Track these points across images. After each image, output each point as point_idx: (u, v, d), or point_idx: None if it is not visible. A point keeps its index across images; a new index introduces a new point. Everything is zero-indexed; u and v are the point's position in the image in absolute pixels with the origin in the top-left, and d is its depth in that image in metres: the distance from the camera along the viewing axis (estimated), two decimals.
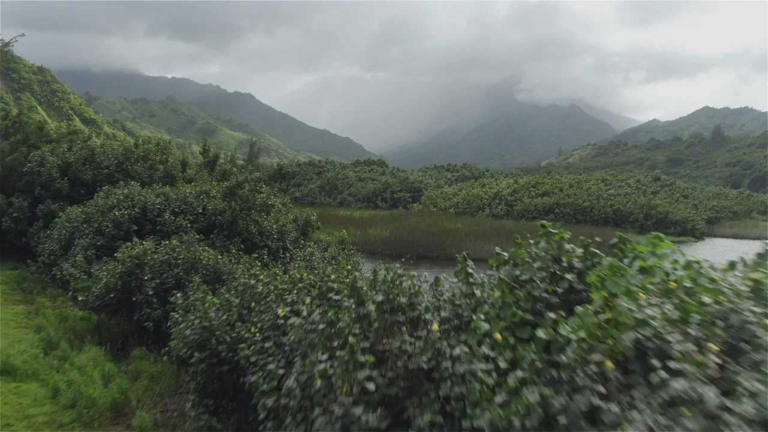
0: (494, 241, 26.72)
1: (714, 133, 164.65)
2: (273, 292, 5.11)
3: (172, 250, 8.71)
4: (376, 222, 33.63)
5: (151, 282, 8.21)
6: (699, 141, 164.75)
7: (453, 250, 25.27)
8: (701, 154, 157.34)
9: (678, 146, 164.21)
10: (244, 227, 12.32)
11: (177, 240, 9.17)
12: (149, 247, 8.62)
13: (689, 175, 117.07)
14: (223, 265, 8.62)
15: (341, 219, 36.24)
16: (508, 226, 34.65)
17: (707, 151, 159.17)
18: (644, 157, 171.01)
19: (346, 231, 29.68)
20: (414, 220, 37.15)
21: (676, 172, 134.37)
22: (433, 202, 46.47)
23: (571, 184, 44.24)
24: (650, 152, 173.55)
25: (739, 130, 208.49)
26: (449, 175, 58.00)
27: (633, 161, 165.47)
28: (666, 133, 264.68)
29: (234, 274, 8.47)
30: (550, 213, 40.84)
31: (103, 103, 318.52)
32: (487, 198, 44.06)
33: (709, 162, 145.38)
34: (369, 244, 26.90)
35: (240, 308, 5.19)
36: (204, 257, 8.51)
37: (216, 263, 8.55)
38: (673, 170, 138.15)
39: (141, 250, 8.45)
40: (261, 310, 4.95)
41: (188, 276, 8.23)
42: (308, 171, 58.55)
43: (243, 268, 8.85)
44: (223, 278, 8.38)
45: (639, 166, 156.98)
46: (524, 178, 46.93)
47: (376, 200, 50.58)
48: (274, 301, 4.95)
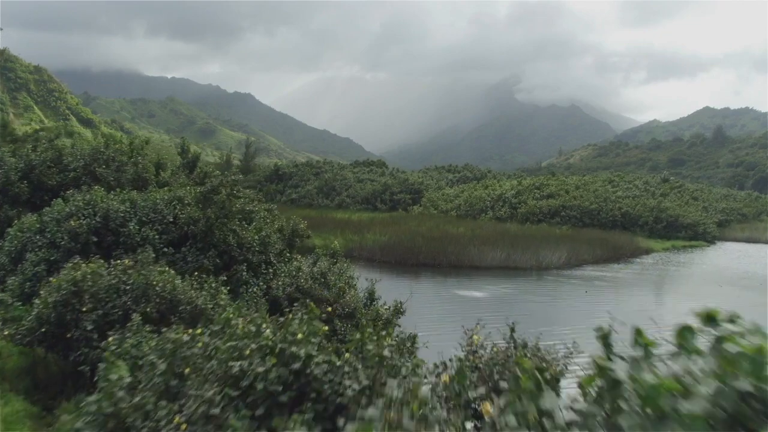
0: (499, 246, 25.18)
1: (716, 134, 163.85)
2: (215, 357, 3.56)
3: (123, 272, 7.15)
4: (374, 226, 32.06)
5: (91, 314, 6.65)
6: (701, 141, 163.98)
7: (456, 256, 23.75)
8: (703, 154, 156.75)
9: (679, 147, 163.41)
10: (221, 238, 10.76)
11: (130, 260, 7.58)
12: (93, 269, 7.04)
13: (691, 176, 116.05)
14: (182, 291, 7.04)
15: (338, 222, 34.69)
16: (513, 229, 33.10)
17: (709, 151, 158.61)
18: (645, 157, 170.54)
19: (342, 236, 28.11)
20: (414, 224, 35.57)
21: (678, 173, 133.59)
22: (434, 204, 44.85)
23: (577, 186, 42.60)
24: (652, 153, 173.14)
25: (739, 130, 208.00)
26: (450, 176, 56.35)
27: (634, 162, 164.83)
28: (666, 134, 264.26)
29: (194, 303, 6.90)
30: (555, 216, 39.24)
31: (102, 103, 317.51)
32: (490, 200, 42.44)
33: (711, 162, 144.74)
34: (366, 250, 25.32)
35: (168, 378, 3.63)
36: (158, 281, 6.93)
37: (173, 289, 6.98)
38: (675, 171, 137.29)
39: (81, 273, 6.86)
40: (194, 387, 3.38)
41: (137, 306, 6.68)
42: (306, 172, 56.92)
43: (206, 296, 7.27)
44: (179, 309, 6.82)
45: (640, 166, 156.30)
46: (528, 180, 45.30)
47: (375, 202, 48.96)
48: (215, 373, 3.38)
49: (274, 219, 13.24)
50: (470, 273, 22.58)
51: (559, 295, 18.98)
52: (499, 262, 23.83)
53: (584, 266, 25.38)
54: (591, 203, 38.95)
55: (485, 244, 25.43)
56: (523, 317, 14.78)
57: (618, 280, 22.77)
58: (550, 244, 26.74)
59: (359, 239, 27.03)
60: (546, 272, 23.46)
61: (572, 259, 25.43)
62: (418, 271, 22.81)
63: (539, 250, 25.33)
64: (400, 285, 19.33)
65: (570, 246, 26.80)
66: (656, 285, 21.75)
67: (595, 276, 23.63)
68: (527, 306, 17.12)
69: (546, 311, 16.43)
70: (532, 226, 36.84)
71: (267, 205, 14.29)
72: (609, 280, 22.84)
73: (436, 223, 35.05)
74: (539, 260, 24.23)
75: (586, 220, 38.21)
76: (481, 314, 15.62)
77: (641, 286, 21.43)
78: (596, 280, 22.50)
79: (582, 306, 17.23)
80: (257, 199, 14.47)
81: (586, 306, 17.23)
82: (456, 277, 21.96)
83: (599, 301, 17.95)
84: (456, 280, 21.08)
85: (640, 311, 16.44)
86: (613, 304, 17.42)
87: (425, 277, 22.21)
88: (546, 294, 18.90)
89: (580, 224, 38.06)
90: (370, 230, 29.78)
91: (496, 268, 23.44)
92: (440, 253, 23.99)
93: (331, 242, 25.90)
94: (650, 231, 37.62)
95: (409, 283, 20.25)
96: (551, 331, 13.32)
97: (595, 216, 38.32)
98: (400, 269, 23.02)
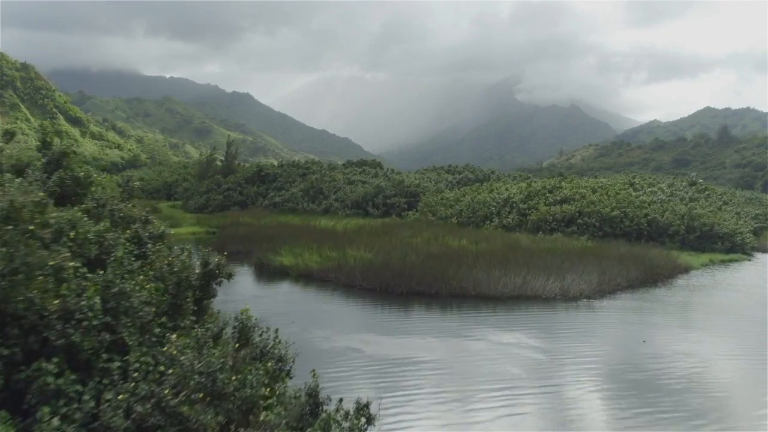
0: (512, 267, 20.06)
1: (720, 134, 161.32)
2: None
3: None
4: (360, 238, 26.94)
5: None
6: (705, 141, 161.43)
7: (458, 282, 18.64)
8: (708, 155, 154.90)
9: (683, 147, 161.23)
10: (21, 307, 5.76)
11: None
12: None
13: (697, 177, 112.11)
14: None
15: (319, 233, 29.55)
16: (525, 242, 27.96)
17: (714, 151, 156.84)
18: (649, 157, 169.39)
19: (318, 253, 23.00)
20: (408, 233, 30.44)
21: (683, 173, 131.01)
22: (432, 210, 39.71)
23: (593, 189, 37.44)
24: (654, 153, 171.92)
25: (741, 130, 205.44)
26: (450, 177, 51.19)
27: (637, 162, 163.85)
28: (667, 134, 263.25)
29: None
30: (571, 224, 34.07)
31: (98, 103, 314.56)
32: (495, 205, 37.27)
33: (717, 163, 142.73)
34: (346, 271, 20.18)
35: None
36: None
37: None
38: (679, 171, 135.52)
39: None
40: None
41: None
42: (291, 173, 51.77)
43: None
44: None
45: (644, 167, 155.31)
46: (539, 182, 40.12)
47: (366, 206, 43.89)
48: None
49: (166, 258, 7.84)
50: (478, 306, 17.45)
51: (608, 344, 13.85)
52: (514, 289, 18.67)
53: (619, 293, 20.23)
54: (612, 209, 33.80)
55: (495, 264, 20.30)
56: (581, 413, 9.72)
57: (672, 315, 17.64)
58: (574, 263, 21.62)
59: (338, 256, 21.91)
60: (574, 303, 18.31)
61: (604, 283, 20.28)
62: (408, 303, 17.69)
63: (563, 271, 20.20)
64: (380, 329, 14.27)
65: (598, 266, 21.68)
66: (727, 324, 16.60)
67: (637, 308, 18.50)
68: (574, 370, 11.99)
69: (610, 388, 11.17)
70: (546, 237, 31.71)
71: (159, 226, 9.11)
72: (659, 313, 17.72)
73: (434, 233, 29.94)
74: (565, 286, 19.09)
75: (606, 228, 33.06)
76: (509, 390, 10.41)
77: (710, 327, 16.24)
78: (643, 314, 17.39)
79: (656, 369, 12.09)
80: (140, 216, 9.27)
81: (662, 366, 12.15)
82: (458, 311, 16.83)
83: (670, 357, 12.85)
84: (458, 319, 15.94)
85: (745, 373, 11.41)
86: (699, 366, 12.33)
87: (417, 311, 17.07)
88: (594, 347, 13.68)
89: (600, 234, 32.93)
90: (355, 243, 24.69)
91: (510, 299, 18.30)
92: (439, 276, 18.87)
93: (303, 261, 20.77)
94: (681, 242, 32.50)
95: (395, 323, 15.19)
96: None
97: (617, 224, 33.16)
98: (386, 300, 17.89)
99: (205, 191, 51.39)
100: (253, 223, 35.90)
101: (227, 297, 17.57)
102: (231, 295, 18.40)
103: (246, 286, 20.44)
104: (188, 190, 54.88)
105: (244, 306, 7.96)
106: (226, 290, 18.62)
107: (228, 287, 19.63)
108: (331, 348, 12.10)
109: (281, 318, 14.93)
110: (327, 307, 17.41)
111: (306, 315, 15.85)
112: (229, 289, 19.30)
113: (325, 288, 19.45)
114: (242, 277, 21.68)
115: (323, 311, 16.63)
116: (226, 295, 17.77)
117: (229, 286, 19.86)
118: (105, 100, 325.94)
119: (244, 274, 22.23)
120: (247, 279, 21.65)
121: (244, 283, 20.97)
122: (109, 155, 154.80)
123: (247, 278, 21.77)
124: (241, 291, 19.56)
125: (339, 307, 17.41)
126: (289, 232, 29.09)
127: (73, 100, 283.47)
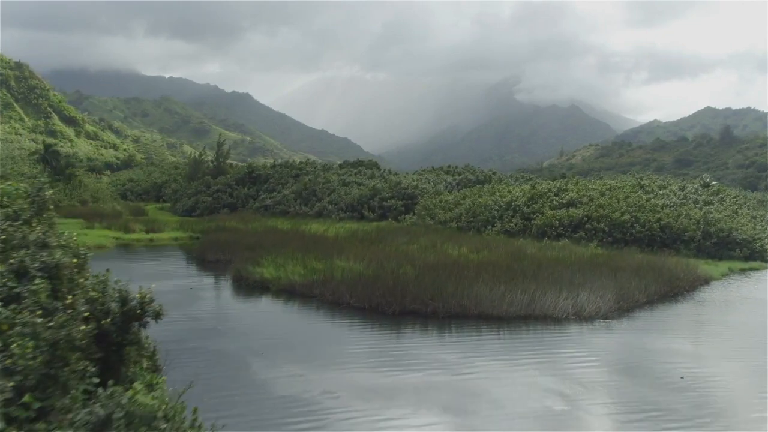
0: (519, 281, 17.84)
1: (723, 134, 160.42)
2: None
3: None
4: (351, 246, 24.76)
5: None
6: (707, 141, 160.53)
7: (458, 300, 16.41)
8: (710, 155, 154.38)
9: (685, 147, 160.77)
10: None
11: None
12: None
13: (700, 178, 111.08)
14: None
15: (308, 240, 27.33)
16: (531, 250, 25.71)
17: (716, 152, 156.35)
18: (650, 158, 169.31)
19: (303, 264, 20.79)
20: (404, 239, 28.23)
21: (686, 174, 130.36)
22: (430, 213, 37.51)
23: (602, 192, 35.25)
24: (656, 153, 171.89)
25: (742, 130, 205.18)
26: (449, 178, 48.98)
27: (639, 162, 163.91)
28: (668, 134, 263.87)
29: None
30: (579, 229, 31.84)
31: (95, 102, 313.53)
32: (497, 209, 35.07)
33: (720, 163, 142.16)
34: (333, 287, 17.92)
35: None
36: None
37: None
38: (681, 172, 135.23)
39: None
40: None
41: None
42: (284, 174, 49.48)
43: None
44: None
45: (645, 167, 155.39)
46: (543, 184, 37.92)
47: (361, 209, 41.68)
48: None
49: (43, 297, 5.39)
50: (480, 327, 15.21)
51: (641, 383, 11.61)
52: (521, 308, 16.41)
53: (638, 311, 18.02)
54: (622, 213, 31.59)
55: (499, 277, 18.07)
56: None
57: (704, 339, 15.44)
58: (587, 276, 19.40)
59: (325, 268, 19.70)
60: (590, 324, 16.08)
61: (622, 300, 18.04)
62: (401, 325, 15.46)
63: (575, 286, 17.97)
64: (367, 363, 12.05)
65: (613, 278, 19.45)
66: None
67: (662, 329, 16.26)
68: (600, 417, 9.78)
69: None
70: (552, 243, 29.50)
71: (54, 254, 6.84)
72: (688, 337, 15.52)
73: (432, 240, 27.74)
74: (578, 304, 16.83)
75: (616, 234, 30.86)
76: None
77: (751, 356, 14.02)
78: (670, 338, 15.17)
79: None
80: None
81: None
82: (458, 335, 14.61)
83: (715, 400, 10.64)
84: (458, 346, 13.74)
85: None
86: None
87: (411, 336, 14.83)
88: (623, 387, 11.45)
89: (610, 240, 30.74)
90: (345, 252, 22.48)
91: (517, 319, 16.07)
92: (436, 292, 16.64)
93: (286, 273, 18.61)
94: (697, 249, 30.27)
95: (385, 353, 12.96)
96: None
97: (628, 230, 30.93)
98: (376, 321, 15.66)
99: (194, 193, 49.14)
100: (239, 228, 33.70)
101: (194, 314, 15.36)
102: (200, 313, 16.20)
103: (219, 303, 18.23)
104: (177, 192, 52.64)
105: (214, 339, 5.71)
106: (192, 309, 16.37)
107: (198, 305, 17.32)
108: (302, 393, 9.88)
109: (248, 348, 12.74)
110: (307, 331, 15.17)
111: (280, 343, 13.62)
112: (198, 307, 17.05)
113: (308, 305, 17.24)
114: (216, 291, 19.52)
115: (302, 337, 14.39)
116: (191, 314, 15.58)
117: (200, 304, 17.57)
118: (103, 99, 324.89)
119: (219, 288, 20.06)
120: (222, 294, 19.45)
121: (218, 299, 18.77)
122: (104, 155, 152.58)
123: (223, 293, 19.57)
124: (213, 309, 17.36)
125: (321, 331, 15.18)
126: (274, 239, 26.89)
127: (71, 100, 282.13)
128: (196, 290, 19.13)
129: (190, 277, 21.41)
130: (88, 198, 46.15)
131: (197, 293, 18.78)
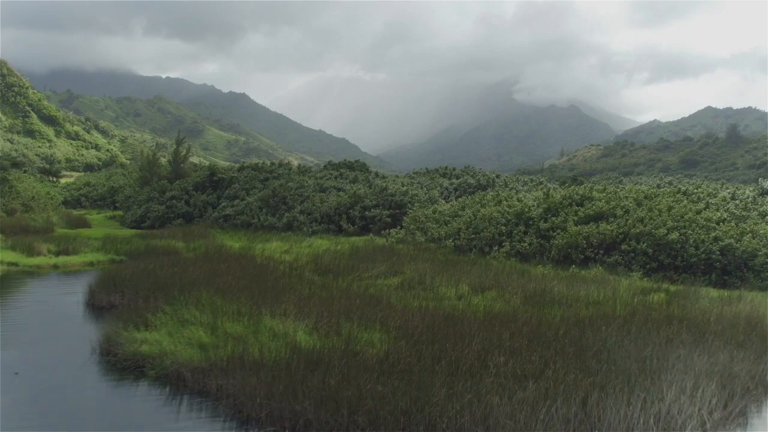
0: (556, 374, 10.48)
1: (729, 133, 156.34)
2: None
3: None
4: (305, 283, 17.42)
5: None
6: (713, 141, 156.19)
7: (451, 417, 9.03)
8: (717, 155, 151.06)
9: (690, 147, 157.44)
10: None
11: None
12: None
13: (708, 178, 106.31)
14: None
15: (250, 272, 19.78)
16: (558, 288, 18.20)
17: (722, 152, 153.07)
18: (654, 158, 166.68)
19: (211, 327, 13.41)
20: (383, 269, 20.82)
21: (693, 175, 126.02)
22: (421, 227, 30.07)
23: (638, 201, 27.87)
24: (660, 153, 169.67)
25: (743, 130, 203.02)
26: (446, 182, 41.54)
27: (643, 162, 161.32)
28: (668, 134, 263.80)
29: None
30: (612, 251, 24.44)
31: (86, 102, 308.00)
32: (505, 223, 27.60)
33: (728, 164, 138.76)
34: (239, 380, 10.40)
35: None
36: None
37: None
38: (688, 173, 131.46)
39: None
40: None
41: None
42: (251, 178, 42.06)
43: None
44: None
45: (650, 167, 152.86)
46: (560, 191, 30.51)
47: (339, 220, 34.35)
48: None
49: None
50: None
51: None
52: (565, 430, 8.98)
53: (750, 415, 10.61)
54: (668, 231, 24.17)
55: (522, 360, 10.71)
56: None
57: None
58: (658, 346, 12.04)
59: (243, 334, 12.27)
60: None
61: (728, 398, 10.69)
62: None
63: (647, 372, 10.59)
64: None
65: (701, 348, 12.09)
66: None
67: None
68: None
69: None
70: (582, 272, 22.06)
71: None
72: None
73: (420, 271, 20.32)
74: (667, 414, 9.47)
75: (663, 258, 23.38)
76: None
77: None
78: None
79: None
80: None
81: None
82: None
83: None
84: None
85: None
86: None
87: None
88: None
89: (655, 265, 23.37)
90: (288, 295, 15.15)
91: None
92: (411, 405, 9.16)
93: (179, 345, 11.35)
94: None
95: None
96: None
97: (678, 252, 23.55)
98: None
99: (146, 200, 41.70)
100: (175, 248, 26.33)
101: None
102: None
103: (48, 406, 10.77)
104: (129, 198, 45.21)
105: None
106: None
107: (9, 410, 9.66)
108: None
109: None
110: None
111: None
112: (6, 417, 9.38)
113: (195, 416, 9.84)
114: (60, 377, 12.09)
115: None
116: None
117: (13, 408, 9.86)
118: (94, 99, 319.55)
119: (69, 370, 12.59)
120: (62, 385, 11.99)
121: (50, 394, 11.27)
122: (85, 156, 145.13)
123: (68, 382, 12.09)
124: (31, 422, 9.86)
125: None
126: (205, 270, 19.43)
127: (61, 99, 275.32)
128: (28, 375, 11.71)
129: (42, 343, 13.94)
130: (18, 207, 38.77)
131: (26, 381, 11.39)
